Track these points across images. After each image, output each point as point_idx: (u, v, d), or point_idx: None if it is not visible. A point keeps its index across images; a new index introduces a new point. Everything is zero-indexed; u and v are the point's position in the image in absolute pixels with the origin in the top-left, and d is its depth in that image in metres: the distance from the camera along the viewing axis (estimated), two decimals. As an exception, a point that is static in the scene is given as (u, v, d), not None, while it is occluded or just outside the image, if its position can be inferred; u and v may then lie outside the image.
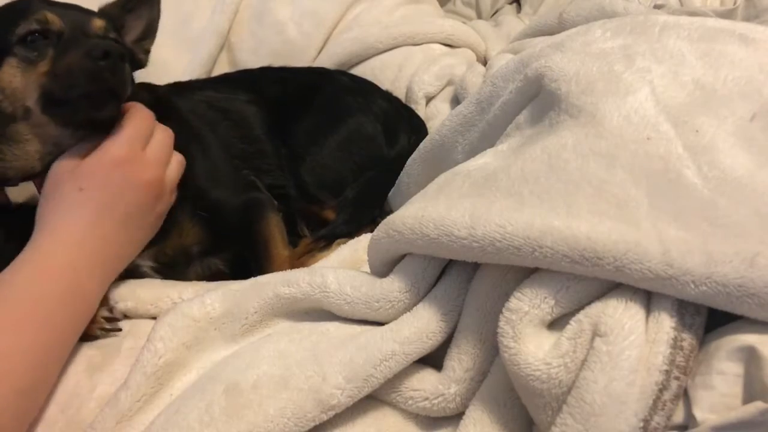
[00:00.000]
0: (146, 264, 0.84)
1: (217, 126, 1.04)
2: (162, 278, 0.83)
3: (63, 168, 0.75)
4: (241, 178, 0.97)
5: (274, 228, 0.92)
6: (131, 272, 0.80)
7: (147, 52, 0.93)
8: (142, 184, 0.76)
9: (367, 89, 1.25)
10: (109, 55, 0.72)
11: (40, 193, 0.75)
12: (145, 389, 0.62)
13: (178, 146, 0.85)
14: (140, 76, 1.31)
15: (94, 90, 0.74)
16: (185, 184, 0.85)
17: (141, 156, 0.77)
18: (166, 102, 0.99)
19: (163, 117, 0.88)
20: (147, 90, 1.00)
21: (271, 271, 0.78)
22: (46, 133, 0.76)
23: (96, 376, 0.66)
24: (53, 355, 0.64)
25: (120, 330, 0.72)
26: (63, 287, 0.67)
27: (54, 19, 0.76)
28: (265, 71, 1.23)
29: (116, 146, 0.75)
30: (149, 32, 0.93)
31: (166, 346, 0.64)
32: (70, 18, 0.78)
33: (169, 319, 0.67)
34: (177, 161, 0.83)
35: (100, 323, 0.72)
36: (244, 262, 0.90)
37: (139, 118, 0.80)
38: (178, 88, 1.12)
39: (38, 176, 0.76)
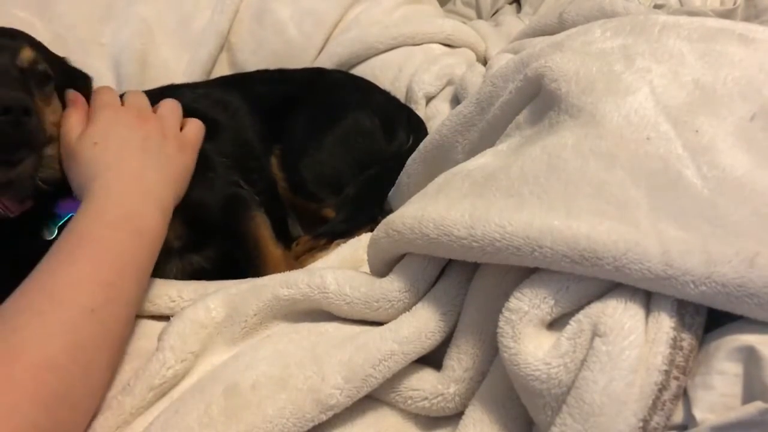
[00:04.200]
0: None
1: (206, 124, 1.04)
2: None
3: (70, 141, 0.79)
4: (222, 177, 0.96)
5: (261, 226, 0.91)
6: None
7: None
8: (134, 120, 0.82)
9: (364, 86, 1.25)
10: (8, 111, 0.70)
11: None
12: (151, 398, 0.62)
13: None
14: (141, 75, 1.32)
15: None
16: None
17: (124, 106, 0.85)
18: None
19: None
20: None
21: (266, 273, 0.78)
22: None
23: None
24: (119, 275, 0.65)
25: None
26: (113, 216, 0.69)
27: None
28: (261, 72, 1.23)
29: (100, 108, 0.82)
30: None
31: (176, 356, 0.63)
32: None
33: (177, 327, 0.66)
34: (194, 123, 0.90)
35: None
36: (228, 260, 0.89)
37: (135, 94, 0.89)
38: (169, 90, 1.12)
39: None
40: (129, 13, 1.32)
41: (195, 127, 0.90)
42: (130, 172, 0.75)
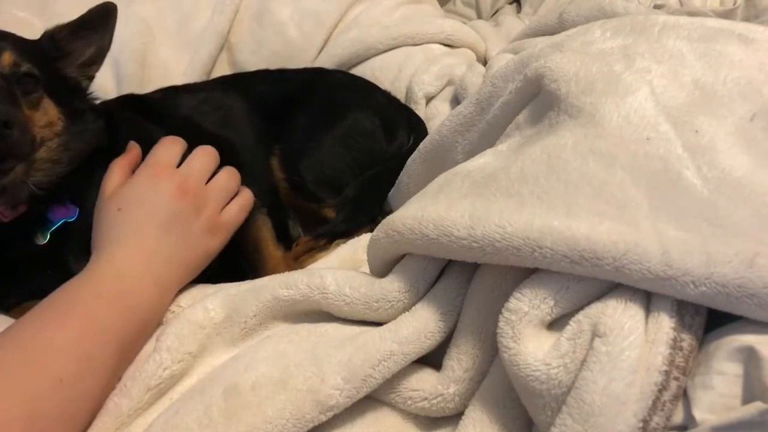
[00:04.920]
0: None
1: (204, 128, 1.03)
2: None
3: (103, 196, 0.78)
4: None
5: (262, 227, 0.91)
6: None
7: (91, 78, 0.91)
8: (171, 192, 0.77)
9: (364, 86, 1.25)
10: None
11: None
12: (148, 399, 0.62)
13: (146, 153, 0.86)
14: (141, 75, 1.32)
15: None
16: None
17: (171, 171, 0.80)
18: (140, 110, 0.99)
19: (133, 126, 0.89)
20: (123, 101, 1.00)
21: (267, 274, 0.78)
22: None
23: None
24: (99, 349, 0.62)
25: None
26: (109, 289, 0.67)
27: None
28: (261, 73, 1.24)
29: (146, 168, 0.80)
30: (97, 59, 0.91)
31: (172, 357, 0.63)
32: None
33: (174, 328, 0.66)
34: (227, 173, 0.85)
35: None
36: (226, 262, 0.89)
37: (167, 143, 0.84)
38: (168, 91, 1.12)
39: None
40: (129, 13, 1.32)
41: (237, 208, 0.85)
42: (141, 249, 0.72)
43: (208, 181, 0.83)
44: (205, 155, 0.84)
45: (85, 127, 0.85)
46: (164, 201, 0.76)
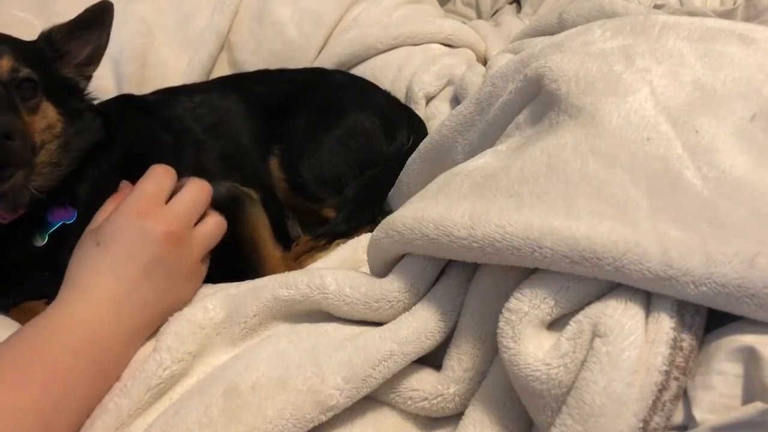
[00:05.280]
0: None
1: (200, 129, 1.03)
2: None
3: (91, 225, 0.73)
4: (217, 177, 0.93)
5: (259, 225, 0.90)
6: None
7: (88, 78, 0.90)
8: (158, 235, 0.70)
9: (365, 86, 1.25)
10: None
11: None
12: (148, 399, 0.61)
13: (143, 153, 0.85)
14: (141, 75, 1.32)
15: None
16: None
17: (159, 209, 0.73)
18: (138, 110, 0.99)
19: (131, 126, 0.88)
20: (118, 102, 1.00)
21: (266, 274, 0.78)
22: None
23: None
24: (65, 412, 0.58)
25: None
26: (77, 339, 0.62)
27: None
28: (261, 73, 1.23)
29: (132, 201, 0.72)
30: (94, 59, 0.90)
31: (172, 356, 0.63)
32: None
33: (174, 328, 0.66)
34: (215, 221, 0.78)
35: None
36: (224, 264, 0.88)
37: (158, 173, 0.77)
38: (166, 93, 1.12)
39: None
40: (128, 13, 1.32)
41: (212, 225, 0.78)
42: (116, 293, 0.66)
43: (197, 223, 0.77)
44: (198, 191, 0.77)
45: (84, 126, 0.85)
46: (148, 243, 0.69)
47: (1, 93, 0.75)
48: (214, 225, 0.78)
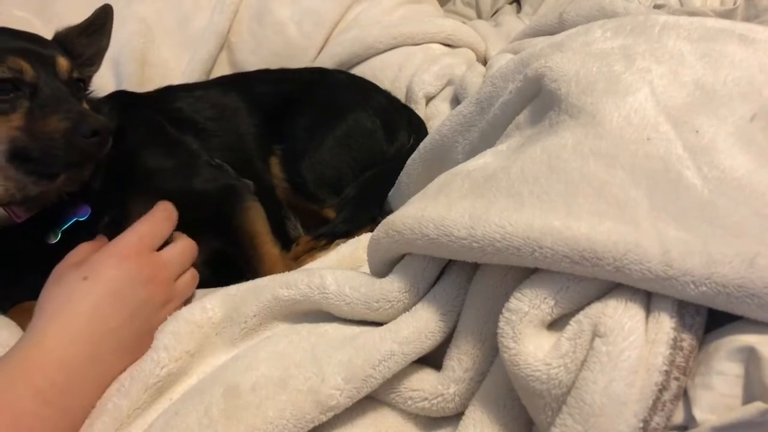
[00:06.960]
0: None
1: (199, 128, 1.03)
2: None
3: (70, 261, 0.72)
4: (214, 170, 0.94)
5: (256, 219, 0.90)
6: None
7: (89, 78, 0.92)
8: (147, 282, 0.70)
9: (365, 86, 1.25)
10: (97, 133, 0.72)
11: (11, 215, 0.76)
12: (146, 398, 0.62)
13: (139, 150, 0.87)
14: (141, 74, 1.32)
15: (75, 161, 0.74)
16: (156, 189, 0.85)
17: (150, 255, 0.74)
18: (132, 108, 0.99)
19: (126, 124, 0.88)
20: (115, 98, 1.00)
21: (263, 271, 0.77)
22: (8, 176, 0.74)
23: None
24: None
25: None
26: (48, 383, 0.59)
27: (27, 69, 0.74)
28: (261, 72, 1.23)
29: (126, 242, 0.72)
30: (95, 59, 0.92)
31: (170, 355, 0.64)
32: (39, 63, 0.76)
33: (171, 327, 0.66)
34: (191, 275, 0.79)
35: None
36: (222, 267, 0.88)
37: (157, 218, 0.78)
38: (166, 92, 1.12)
39: (8, 205, 0.77)
40: (128, 13, 1.32)
41: (189, 279, 0.79)
42: (94, 330, 0.64)
43: None
44: (188, 249, 0.79)
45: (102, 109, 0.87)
46: (137, 288, 0.69)
47: (65, 92, 0.77)
48: (191, 277, 0.79)
